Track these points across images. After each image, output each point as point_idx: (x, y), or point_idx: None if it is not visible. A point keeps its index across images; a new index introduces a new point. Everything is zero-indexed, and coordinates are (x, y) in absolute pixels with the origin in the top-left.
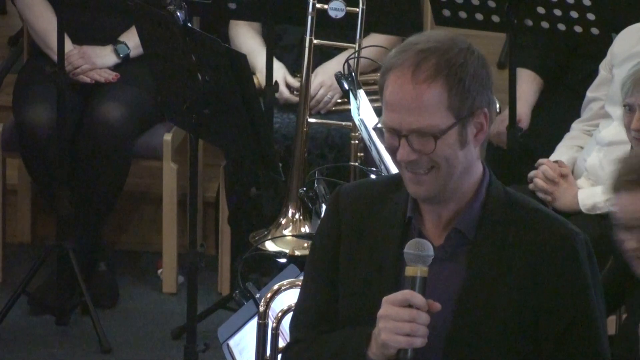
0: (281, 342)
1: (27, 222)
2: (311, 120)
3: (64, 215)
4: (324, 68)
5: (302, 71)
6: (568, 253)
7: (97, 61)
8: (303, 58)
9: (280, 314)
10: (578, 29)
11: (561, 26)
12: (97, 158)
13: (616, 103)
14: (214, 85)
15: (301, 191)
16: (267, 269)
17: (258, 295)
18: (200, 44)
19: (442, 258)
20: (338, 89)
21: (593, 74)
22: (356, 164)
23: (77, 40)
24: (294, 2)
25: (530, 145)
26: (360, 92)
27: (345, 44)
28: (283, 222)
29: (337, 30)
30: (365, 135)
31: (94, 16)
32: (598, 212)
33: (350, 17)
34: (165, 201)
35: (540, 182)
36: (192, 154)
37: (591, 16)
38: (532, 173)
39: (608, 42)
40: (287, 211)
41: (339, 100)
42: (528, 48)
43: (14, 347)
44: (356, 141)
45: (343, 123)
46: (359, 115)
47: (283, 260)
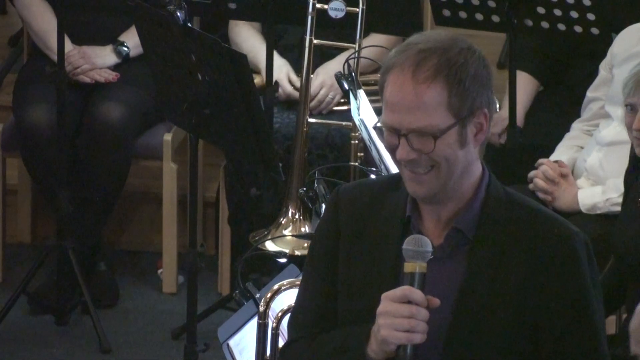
0: (281, 342)
1: (27, 222)
2: (311, 120)
3: (64, 215)
4: (325, 68)
5: (302, 71)
6: (567, 253)
7: (97, 61)
8: (303, 58)
9: (280, 314)
10: (578, 29)
11: (561, 26)
12: (97, 158)
13: (616, 103)
14: (214, 85)
15: (301, 191)
16: (267, 269)
17: (258, 295)
18: (200, 44)
19: (442, 257)
20: (339, 89)
21: (593, 74)
22: (356, 164)
23: (77, 40)
24: (294, 2)
25: (529, 145)
26: (360, 92)
27: (345, 44)
28: (283, 222)
29: (337, 30)
30: (365, 135)
31: (94, 16)
32: (598, 212)
33: (350, 17)
34: (165, 201)
35: (540, 182)
36: (192, 154)
37: (591, 16)
38: (532, 173)
39: (608, 42)
40: (287, 211)
41: (340, 100)
42: (524, 50)
43: (14, 347)
44: (356, 141)
45: (343, 123)
46: (359, 115)
47: (283, 260)
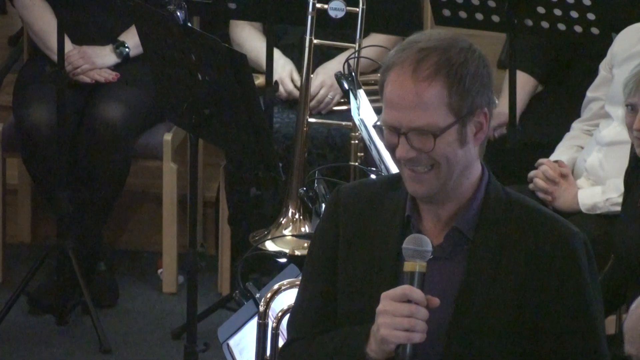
0: (281, 342)
1: (27, 222)
2: (311, 120)
3: (64, 215)
4: (325, 68)
5: (302, 71)
6: (567, 253)
7: (97, 61)
8: (303, 58)
9: (280, 314)
10: (578, 29)
11: (561, 26)
12: (97, 158)
13: (616, 103)
14: (214, 85)
15: (301, 191)
16: (267, 269)
17: (258, 295)
18: (200, 44)
19: (441, 257)
20: (339, 89)
21: (593, 74)
22: (356, 164)
23: (77, 40)
24: (294, 2)
25: (529, 145)
26: (360, 92)
27: (345, 44)
28: (283, 222)
29: (337, 30)
30: (365, 135)
31: (94, 16)
32: (598, 212)
33: (350, 17)
34: (165, 201)
35: (540, 182)
36: (192, 154)
37: (591, 16)
38: (532, 173)
39: (608, 42)
40: (287, 211)
41: (341, 100)
42: (524, 50)
43: (14, 347)
44: (356, 141)
45: (343, 123)
46: (359, 115)
47: (283, 260)
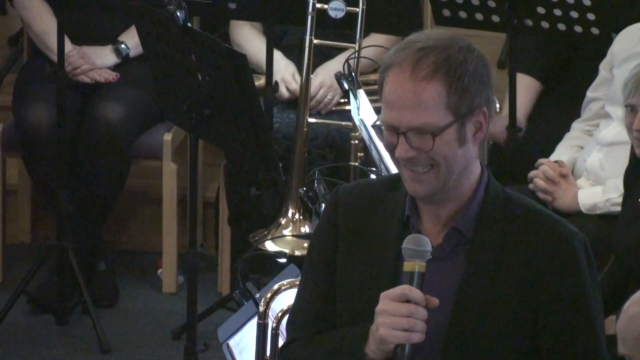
0: (281, 342)
1: (27, 222)
2: (311, 120)
3: (64, 215)
4: (324, 68)
5: (302, 71)
6: (566, 253)
7: (97, 61)
8: (303, 58)
9: (280, 314)
10: (578, 29)
11: (561, 26)
12: (97, 158)
13: (616, 103)
14: (214, 85)
15: (301, 191)
16: (267, 269)
17: (258, 295)
18: (200, 44)
19: (441, 257)
20: (338, 89)
21: (593, 74)
22: (356, 164)
23: (77, 40)
24: (294, 2)
25: (530, 146)
26: (360, 92)
27: (345, 44)
28: (283, 222)
29: (337, 30)
30: (365, 135)
31: (94, 16)
32: (598, 212)
33: (350, 17)
34: (165, 201)
35: (540, 182)
36: (192, 154)
37: (591, 16)
38: (532, 173)
39: (608, 42)
40: (287, 211)
41: (340, 100)
42: (524, 51)
43: (14, 347)
44: (356, 141)
45: (343, 123)
46: (359, 115)
47: (283, 260)
